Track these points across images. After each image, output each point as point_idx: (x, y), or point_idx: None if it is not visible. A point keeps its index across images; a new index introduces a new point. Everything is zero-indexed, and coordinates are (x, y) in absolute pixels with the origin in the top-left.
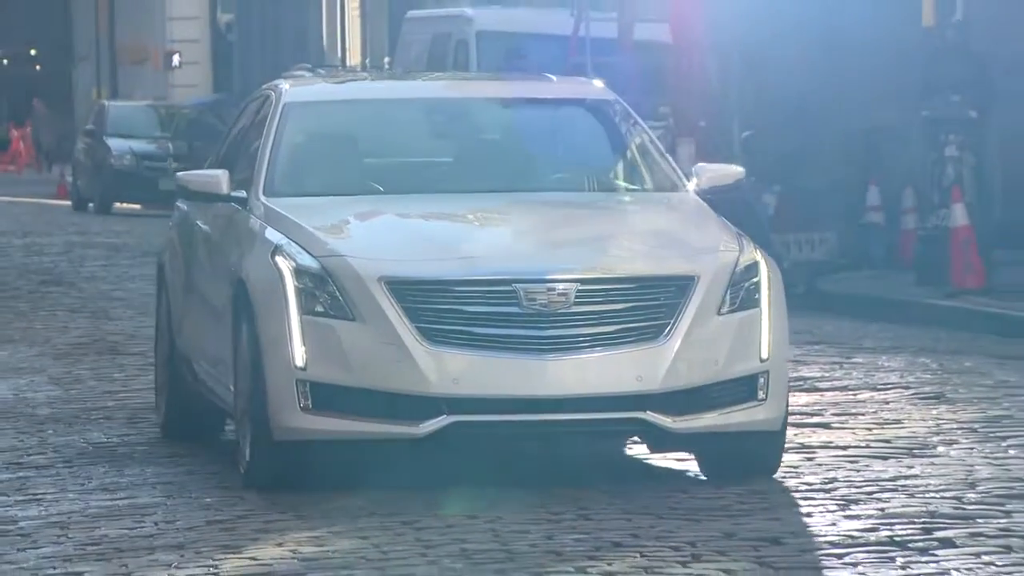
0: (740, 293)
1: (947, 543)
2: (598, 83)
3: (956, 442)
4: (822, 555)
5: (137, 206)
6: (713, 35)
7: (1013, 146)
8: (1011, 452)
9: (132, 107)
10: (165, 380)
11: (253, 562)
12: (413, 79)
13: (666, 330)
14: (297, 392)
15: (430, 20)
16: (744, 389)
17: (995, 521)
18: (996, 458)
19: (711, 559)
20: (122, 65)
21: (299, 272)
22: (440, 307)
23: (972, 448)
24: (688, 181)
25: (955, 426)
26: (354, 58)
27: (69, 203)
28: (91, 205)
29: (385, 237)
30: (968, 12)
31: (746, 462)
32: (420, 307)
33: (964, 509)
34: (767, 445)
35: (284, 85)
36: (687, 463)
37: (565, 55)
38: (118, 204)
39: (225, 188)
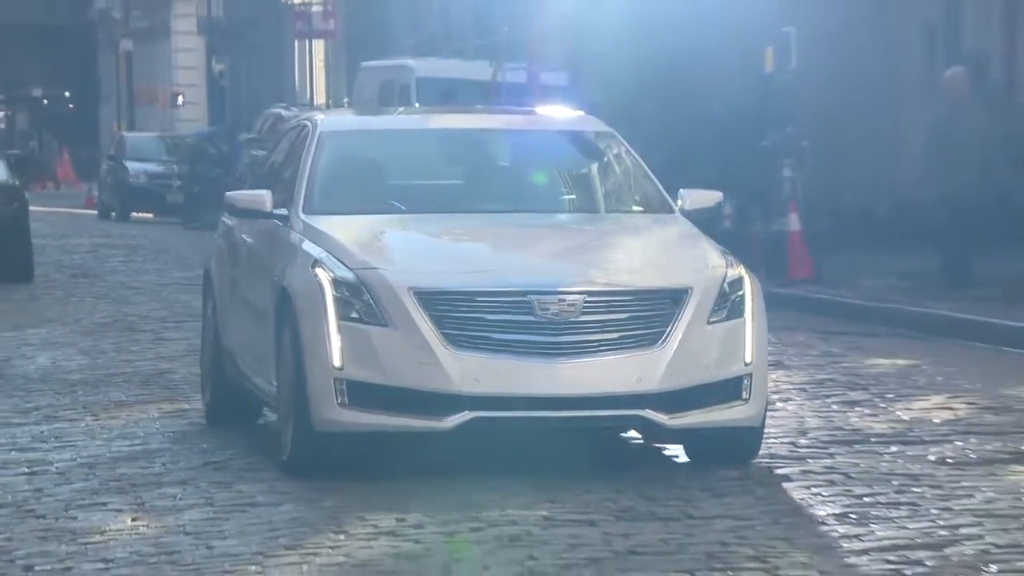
0: (727, 304)
1: (784, 478)
2: (592, 117)
3: (791, 399)
4: (691, 489)
5: (149, 215)
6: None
7: (841, 168)
8: (834, 407)
9: (145, 137)
10: (210, 372)
11: (240, 493)
12: (432, 112)
13: (663, 337)
14: (335, 389)
15: (379, 69)
16: (730, 389)
17: (821, 461)
18: (822, 412)
19: (602, 493)
20: (137, 104)
21: (337, 283)
22: (463, 315)
23: (803, 404)
24: (675, 204)
25: (790, 387)
26: (319, 99)
27: (95, 212)
28: (113, 214)
29: (414, 252)
30: (800, 61)
31: (729, 451)
32: (445, 315)
33: (797, 451)
34: (748, 437)
35: (319, 116)
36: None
37: (486, 97)
38: (135, 213)
39: (269, 206)
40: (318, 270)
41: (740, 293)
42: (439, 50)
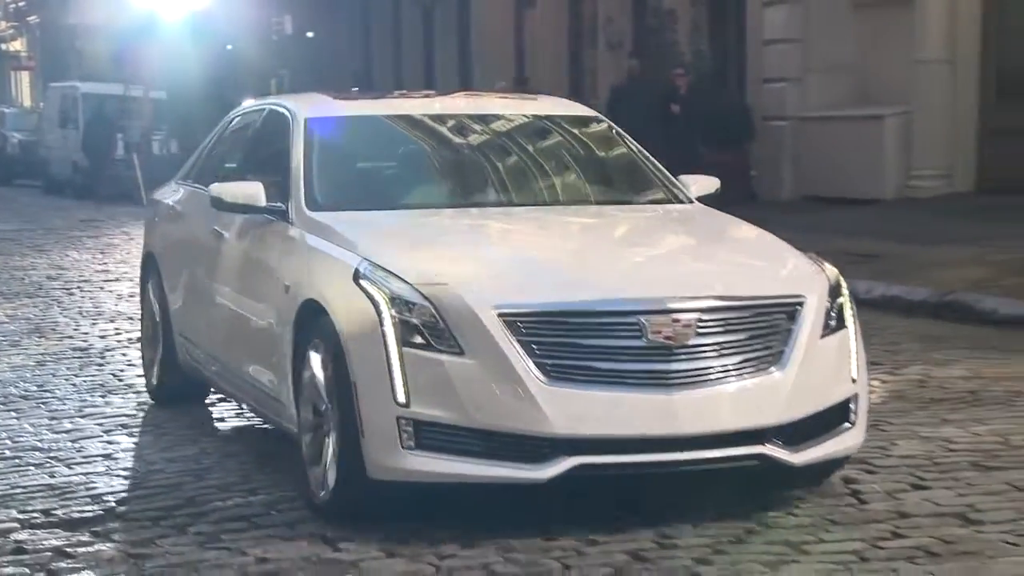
0: (833, 314)
1: None
2: (581, 105)
3: None
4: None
5: None
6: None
7: None
8: None
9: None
10: (155, 357)
11: (65, 335)
12: (422, 96)
13: (782, 358)
14: (399, 430)
15: (60, 88)
16: (840, 413)
17: None
18: None
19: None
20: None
21: (395, 300)
22: (558, 340)
23: None
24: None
25: None
26: (27, 103)
27: None
28: None
29: (484, 262)
30: (292, 90)
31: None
32: (538, 340)
33: None
34: (839, 463)
35: (290, 103)
36: None
37: (124, 106)
38: None
39: (264, 201)
40: (364, 283)
41: (840, 300)
42: (93, 78)
